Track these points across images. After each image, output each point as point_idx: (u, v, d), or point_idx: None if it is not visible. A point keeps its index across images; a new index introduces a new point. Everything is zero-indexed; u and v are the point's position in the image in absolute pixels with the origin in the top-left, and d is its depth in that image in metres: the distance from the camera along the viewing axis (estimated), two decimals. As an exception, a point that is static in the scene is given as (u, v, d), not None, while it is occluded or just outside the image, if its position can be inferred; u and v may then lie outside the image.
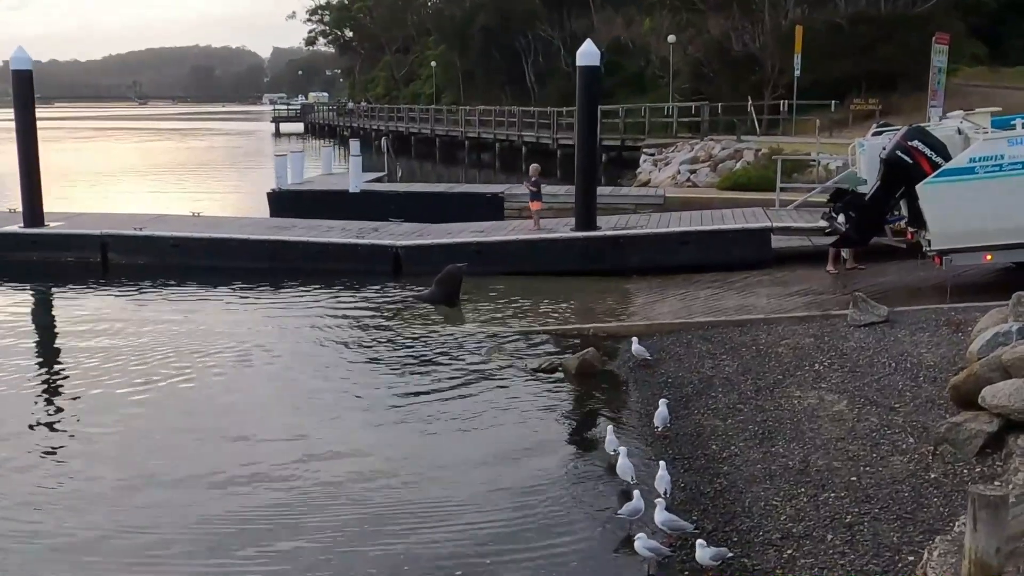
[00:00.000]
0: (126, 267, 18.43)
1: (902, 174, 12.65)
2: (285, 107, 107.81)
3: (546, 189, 22.97)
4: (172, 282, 17.20)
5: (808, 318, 12.16)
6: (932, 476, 7.26)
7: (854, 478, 7.49)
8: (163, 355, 12.43)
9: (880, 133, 14.30)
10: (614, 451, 8.28)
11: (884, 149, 12.97)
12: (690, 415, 9.45)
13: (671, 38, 43.83)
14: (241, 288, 16.74)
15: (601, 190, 23.71)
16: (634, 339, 11.48)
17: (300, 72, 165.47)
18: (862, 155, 14.32)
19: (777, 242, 17.14)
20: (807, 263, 16.41)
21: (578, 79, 17.49)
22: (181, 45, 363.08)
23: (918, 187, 12.25)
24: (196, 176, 44.14)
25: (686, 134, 36.98)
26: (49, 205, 19.99)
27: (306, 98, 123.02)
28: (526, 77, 62.94)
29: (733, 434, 8.79)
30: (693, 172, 28.79)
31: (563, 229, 17.77)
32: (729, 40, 43.93)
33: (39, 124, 19.60)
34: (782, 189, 19.64)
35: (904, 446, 7.87)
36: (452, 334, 13.33)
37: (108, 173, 45.81)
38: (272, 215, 23.73)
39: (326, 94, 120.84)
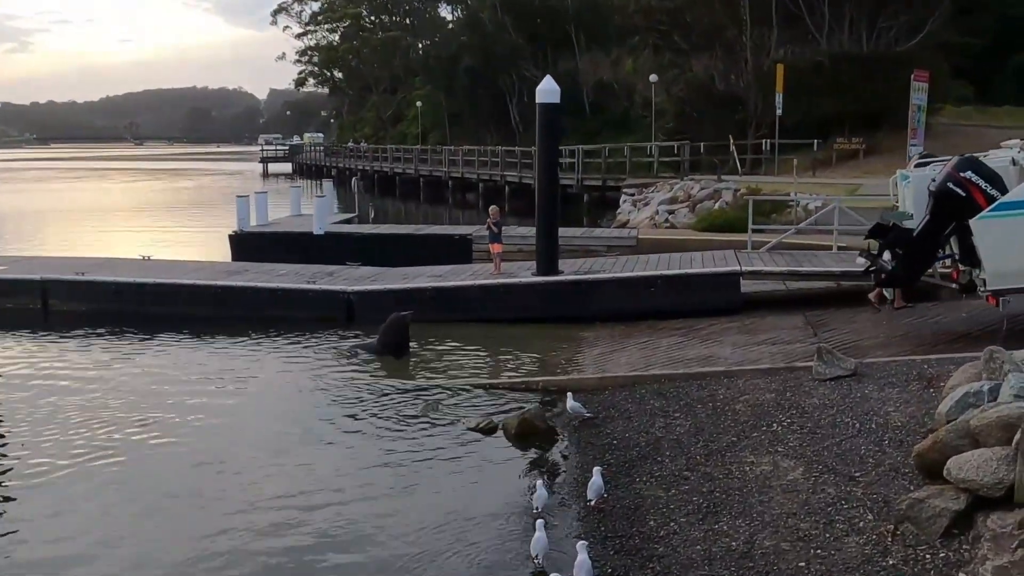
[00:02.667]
0: (67, 314, 17.56)
1: (954, 208, 11.40)
2: (273, 148, 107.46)
3: (520, 231, 22.32)
4: (114, 330, 16.32)
5: (772, 371, 11.26)
6: (890, 563, 6.33)
7: (803, 563, 6.56)
8: (90, 413, 11.52)
9: (924, 164, 13.03)
10: (538, 509, 7.81)
11: (933, 181, 11.71)
12: (631, 483, 8.50)
13: (653, 77, 43.51)
14: (183, 337, 15.86)
15: (572, 231, 23.07)
16: (569, 395, 10.58)
17: (289, 113, 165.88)
18: (906, 187, 13.07)
19: (748, 286, 16.33)
20: (778, 309, 15.60)
21: (538, 117, 16.76)
22: (178, 87, 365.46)
23: (972, 222, 11.07)
24: (170, 216, 43.46)
25: (667, 174, 36.35)
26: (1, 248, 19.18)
27: (301, 139, 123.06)
28: (511, 117, 62.71)
29: (675, 507, 7.84)
30: (671, 212, 28.06)
31: (524, 274, 16.93)
32: (712, 80, 43.61)
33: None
34: (756, 231, 18.82)
35: (862, 524, 6.94)
36: (390, 387, 12.42)
37: (82, 213, 45.10)
38: (234, 258, 22.92)
39: (321, 135, 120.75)
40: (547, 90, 16.57)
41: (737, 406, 10.08)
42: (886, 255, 12.67)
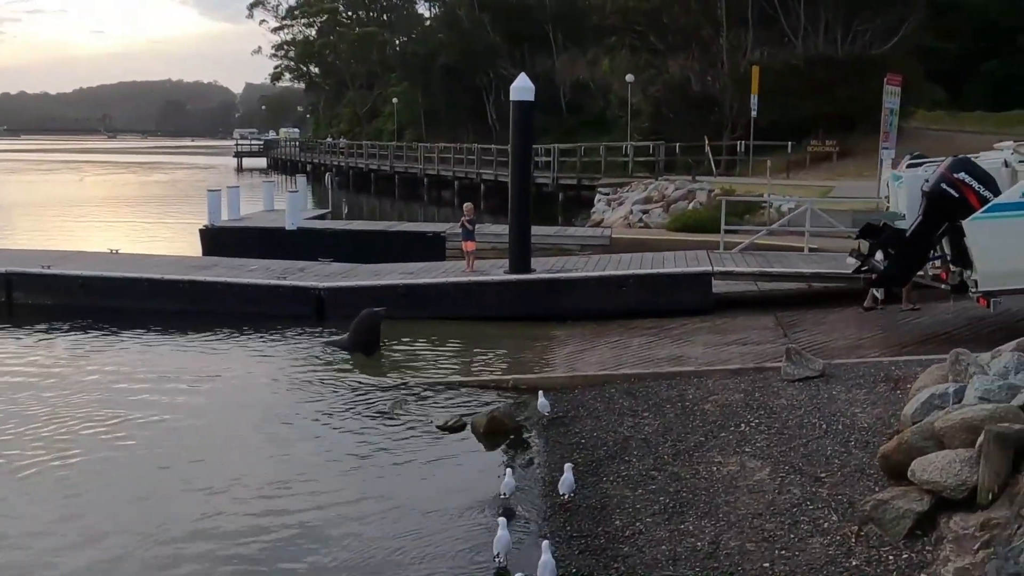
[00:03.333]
0: (32, 308, 17.28)
1: (947, 208, 11.41)
2: (248, 143, 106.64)
3: (493, 229, 22.23)
4: (80, 325, 16.07)
5: (741, 371, 11.26)
6: (854, 563, 6.33)
7: (767, 564, 6.55)
8: (51, 410, 11.31)
9: (916, 164, 13.02)
10: (504, 495, 8.10)
11: (927, 182, 11.72)
12: (598, 483, 8.47)
13: (629, 77, 43.55)
14: (150, 333, 15.66)
15: (547, 230, 23.04)
16: (540, 393, 10.56)
17: (264, 107, 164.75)
18: (899, 188, 12.99)
19: (720, 286, 16.35)
20: (749, 309, 15.63)
21: (512, 114, 16.69)
22: (153, 79, 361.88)
23: (965, 223, 11.08)
24: (141, 210, 43.01)
25: (642, 174, 36.43)
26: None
27: (276, 134, 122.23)
28: (488, 115, 62.62)
29: (641, 507, 7.81)
30: (645, 212, 28.09)
31: (496, 272, 16.85)
32: (688, 81, 43.76)
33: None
34: (728, 231, 18.87)
35: (826, 525, 6.94)
36: (359, 384, 12.31)
37: (53, 205, 44.53)
38: (204, 253, 22.69)
39: (297, 130, 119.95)
40: (521, 87, 16.51)
41: (706, 406, 10.07)
42: (878, 255, 12.67)
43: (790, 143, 35.89)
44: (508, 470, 8.53)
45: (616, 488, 8.30)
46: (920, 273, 12.71)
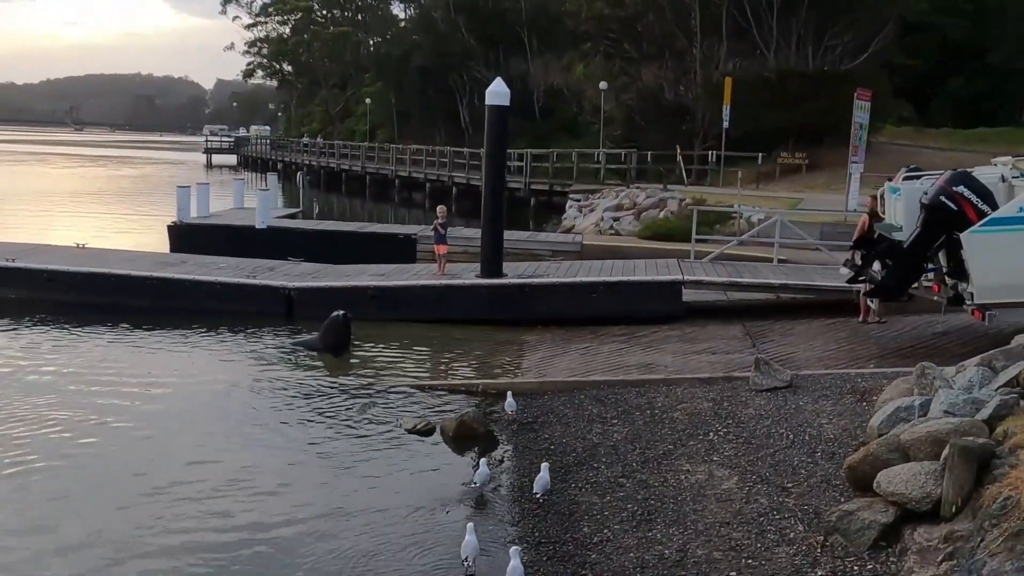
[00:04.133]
0: (-4, 301, 17.00)
1: (945, 221, 11.55)
2: (219, 139, 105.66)
3: (465, 232, 22.20)
4: (44, 319, 15.85)
5: (710, 380, 11.36)
6: (819, 573, 6.39)
7: (734, 573, 6.60)
8: (10, 406, 11.15)
9: (913, 177, 13.14)
10: (477, 483, 8.51)
11: (925, 194, 11.85)
12: (567, 489, 8.48)
13: (602, 84, 43.75)
14: (115, 329, 15.44)
15: (518, 235, 23.04)
16: (508, 392, 10.65)
17: (235, 104, 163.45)
18: (896, 200, 13.11)
19: (690, 295, 16.45)
20: (718, 318, 15.75)
21: (487, 118, 16.68)
22: (123, 72, 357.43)
23: (963, 236, 11.23)
24: (109, 204, 42.45)
25: (614, 181, 36.58)
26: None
27: (247, 131, 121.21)
28: (461, 117, 62.57)
29: (609, 514, 7.84)
30: (616, 220, 28.19)
31: (468, 275, 16.84)
32: (661, 90, 44.03)
33: None
34: (699, 241, 19.00)
35: (793, 534, 7.01)
36: (327, 386, 12.24)
37: (18, 197, 43.80)
38: (172, 250, 22.46)
39: (268, 128, 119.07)
40: (497, 92, 16.51)
41: (675, 414, 10.14)
42: (876, 265, 12.80)
43: (760, 154, 36.23)
44: (483, 460, 8.77)
45: (585, 495, 8.32)
46: (914, 285, 12.86)
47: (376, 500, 8.58)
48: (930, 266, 12.37)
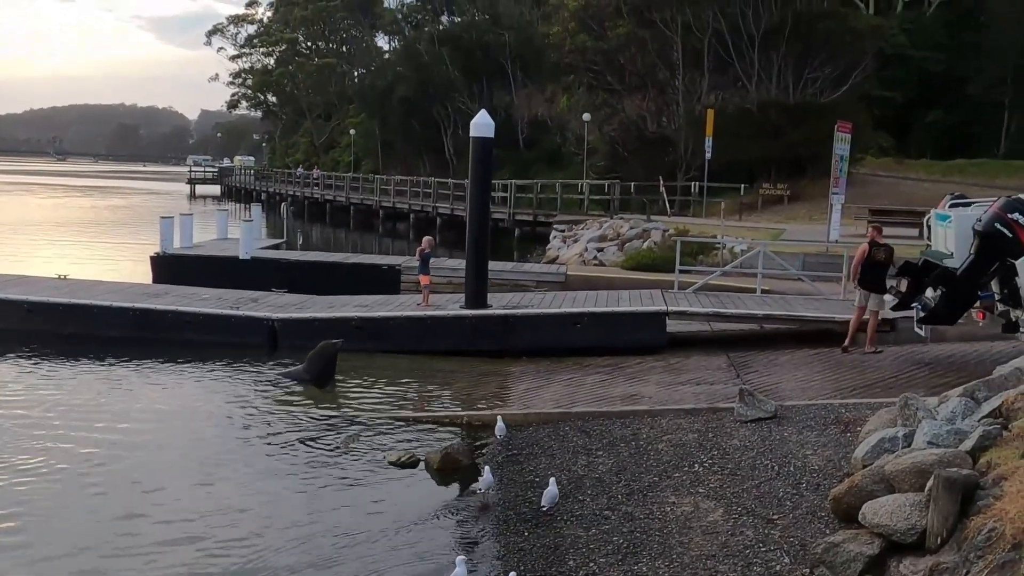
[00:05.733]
0: (-26, 333, 16.84)
1: (999, 248, 11.54)
2: (202, 169, 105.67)
3: (449, 263, 22.21)
4: (24, 352, 15.71)
5: (695, 411, 11.35)
6: (806, 607, 6.37)
7: (720, 606, 6.57)
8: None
9: (959, 205, 13.08)
10: (481, 490, 8.97)
11: (979, 221, 11.78)
12: (552, 521, 8.44)
13: (586, 116, 44.09)
14: (97, 361, 15.33)
15: (503, 265, 23.07)
16: (499, 417, 10.76)
17: (219, 135, 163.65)
18: (946, 228, 13.02)
19: (674, 326, 16.48)
20: (702, 349, 15.76)
21: (471, 150, 16.75)
22: (106, 103, 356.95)
23: (1019, 263, 11.23)
24: (92, 234, 42.24)
25: (598, 211, 36.76)
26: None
27: (231, 161, 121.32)
28: (445, 149, 62.84)
29: (595, 547, 7.80)
30: (600, 250, 28.27)
31: (452, 306, 16.83)
32: (644, 121, 44.40)
33: None
34: (683, 271, 19.08)
35: (779, 567, 6.99)
36: (311, 418, 12.17)
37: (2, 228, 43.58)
38: (155, 280, 22.34)
39: (252, 158, 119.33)
40: (481, 124, 16.60)
41: (660, 445, 10.12)
42: (928, 292, 12.82)
43: (743, 185, 36.53)
44: (487, 467, 9.10)
45: (570, 527, 8.27)
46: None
47: (360, 534, 8.50)
48: (986, 292, 12.36)
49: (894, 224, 27.28)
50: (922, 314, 13.12)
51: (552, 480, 8.66)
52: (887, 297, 14.00)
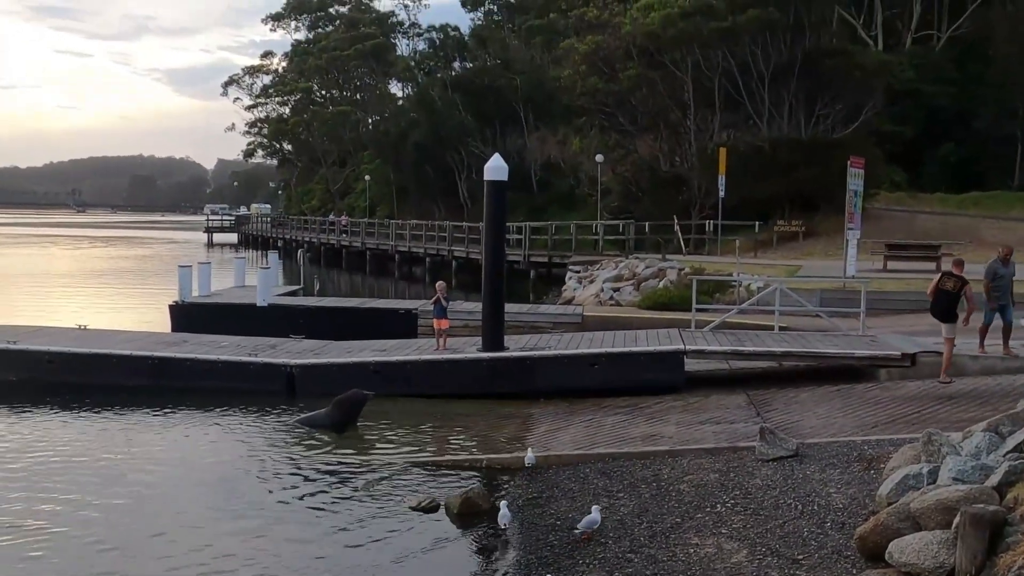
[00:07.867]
0: (-2, 383, 16.99)
1: None
2: (219, 218, 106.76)
3: (466, 306, 22.25)
4: (44, 401, 15.80)
5: (715, 450, 11.28)
6: (834, 649, 6.27)
7: (747, 650, 6.47)
8: (7, 486, 11.09)
9: None
10: (504, 525, 9.19)
11: None
12: (574, 566, 8.36)
13: (599, 157, 44.31)
14: (117, 409, 15.41)
15: (519, 307, 23.11)
16: (529, 448, 11.12)
17: (236, 183, 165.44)
18: None
19: (692, 364, 16.42)
20: (721, 388, 15.69)
21: (485, 194, 16.87)
22: (124, 154, 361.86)
23: None
24: (111, 284, 42.63)
25: (613, 252, 36.82)
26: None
27: (248, 209, 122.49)
28: (459, 192, 63.24)
29: (619, 590, 7.72)
30: (616, 290, 28.29)
31: (469, 349, 16.84)
32: (657, 161, 44.60)
33: None
34: (699, 310, 19.05)
35: (806, 608, 6.89)
36: (330, 463, 12.16)
37: (22, 279, 44.04)
38: (174, 329, 22.49)
39: (268, 205, 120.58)
40: (495, 167, 16.73)
41: (681, 486, 10.04)
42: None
43: (757, 223, 36.53)
44: (503, 503, 9.38)
45: (593, 571, 8.19)
46: None
47: (381, 580, 8.46)
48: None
49: (909, 259, 27.36)
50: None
51: (595, 508, 8.91)
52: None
